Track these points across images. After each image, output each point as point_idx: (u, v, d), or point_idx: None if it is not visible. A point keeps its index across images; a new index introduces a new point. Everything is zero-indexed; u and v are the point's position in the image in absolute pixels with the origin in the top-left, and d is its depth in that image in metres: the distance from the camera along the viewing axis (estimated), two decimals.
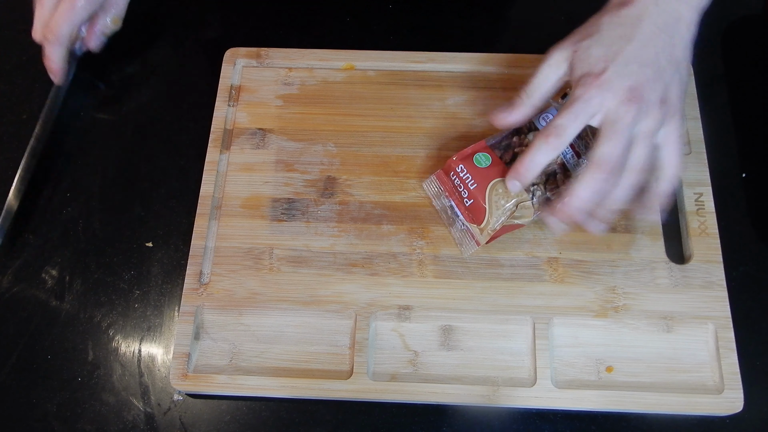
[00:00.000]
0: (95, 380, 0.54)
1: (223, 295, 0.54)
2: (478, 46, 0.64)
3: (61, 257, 0.58)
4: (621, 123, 0.45)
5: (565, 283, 0.54)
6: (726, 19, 0.67)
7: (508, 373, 0.52)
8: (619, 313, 0.53)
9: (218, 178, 0.59)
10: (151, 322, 0.56)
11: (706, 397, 0.50)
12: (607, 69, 0.46)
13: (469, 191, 0.52)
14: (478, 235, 0.52)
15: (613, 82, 0.46)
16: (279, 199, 0.58)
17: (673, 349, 0.52)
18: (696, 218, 0.56)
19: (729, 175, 0.59)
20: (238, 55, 0.64)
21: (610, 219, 0.49)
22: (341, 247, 0.56)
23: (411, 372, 0.52)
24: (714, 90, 0.63)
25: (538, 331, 0.52)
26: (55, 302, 0.56)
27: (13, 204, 0.58)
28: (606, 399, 0.50)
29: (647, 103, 0.46)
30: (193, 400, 0.53)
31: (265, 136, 0.61)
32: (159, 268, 0.57)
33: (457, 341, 0.53)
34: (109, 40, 0.65)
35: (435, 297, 0.54)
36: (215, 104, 0.62)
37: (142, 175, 0.61)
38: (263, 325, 0.54)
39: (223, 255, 0.56)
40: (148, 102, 0.65)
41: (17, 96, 0.66)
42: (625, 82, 0.46)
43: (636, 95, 0.46)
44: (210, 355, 0.53)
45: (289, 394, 0.51)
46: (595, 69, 0.47)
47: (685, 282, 0.54)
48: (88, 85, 0.66)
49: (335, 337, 0.53)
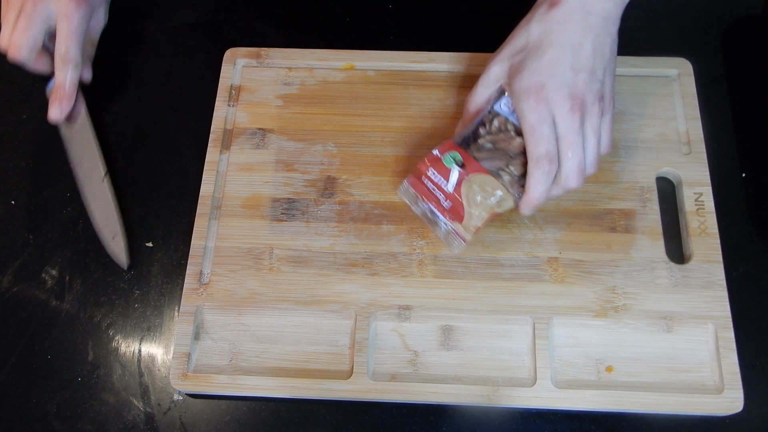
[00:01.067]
0: (95, 380, 0.54)
1: (223, 295, 0.54)
2: (478, 46, 0.64)
3: (61, 257, 0.58)
4: (571, 133, 0.49)
5: (565, 283, 0.54)
6: (726, 19, 0.67)
7: (508, 373, 0.52)
8: (619, 313, 0.53)
9: (218, 178, 0.59)
10: (151, 322, 0.56)
11: (706, 397, 0.50)
12: (545, 85, 0.49)
13: (444, 193, 0.52)
14: (463, 232, 0.52)
15: (554, 94, 0.48)
16: (279, 199, 0.58)
17: (673, 349, 0.52)
18: (696, 218, 0.56)
19: (729, 175, 0.59)
20: (238, 55, 0.64)
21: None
22: (341, 247, 0.56)
23: (411, 372, 0.52)
24: (714, 90, 0.63)
25: (538, 331, 0.52)
26: (55, 302, 0.56)
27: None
28: (606, 399, 0.50)
29: (588, 105, 0.49)
30: (193, 400, 0.53)
31: (265, 136, 0.61)
32: (159, 268, 0.57)
33: (457, 341, 0.53)
34: (108, 39, 0.65)
35: (435, 297, 0.54)
36: (215, 104, 0.62)
37: (142, 175, 0.61)
38: (263, 325, 0.54)
39: (223, 255, 0.56)
40: (148, 102, 0.65)
41: (17, 96, 0.66)
42: (564, 92, 0.48)
43: (577, 102, 0.48)
44: (210, 355, 0.53)
45: (289, 394, 0.51)
46: (534, 86, 0.49)
47: (685, 282, 0.54)
48: (87, 84, 0.66)
49: (335, 337, 0.53)
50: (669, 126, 0.59)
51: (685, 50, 0.63)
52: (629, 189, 0.57)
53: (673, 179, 0.58)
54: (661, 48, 0.64)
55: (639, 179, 0.58)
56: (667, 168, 0.58)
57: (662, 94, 0.61)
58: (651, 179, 0.58)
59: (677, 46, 0.66)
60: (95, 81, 0.66)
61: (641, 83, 0.61)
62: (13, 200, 0.61)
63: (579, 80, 0.49)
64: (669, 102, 0.60)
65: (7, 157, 0.63)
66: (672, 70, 0.61)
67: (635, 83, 0.61)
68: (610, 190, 0.57)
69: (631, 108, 0.60)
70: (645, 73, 0.62)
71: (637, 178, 0.58)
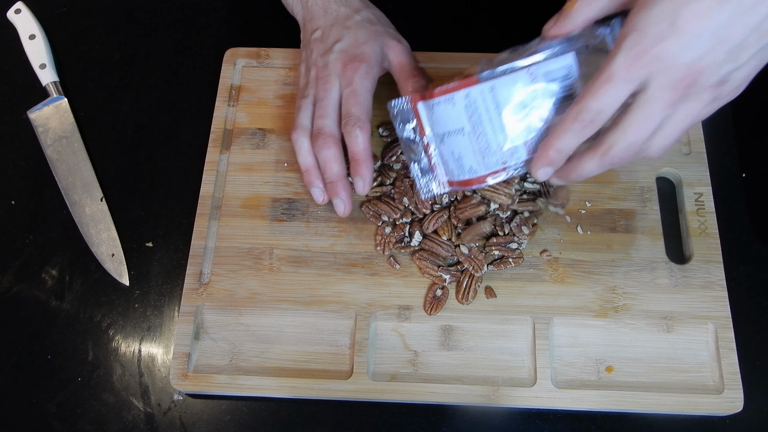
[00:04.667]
0: (95, 380, 0.54)
1: (223, 295, 0.54)
2: (477, 46, 0.64)
3: (61, 257, 0.58)
4: (651, 107, 0.39)
5: (565, 283, 0.54)
6: None
7: (508, 373, 0.52)
8: (619, 313, 0.53)
9: (218, 178, 0.59)
10: (151, 322, 0.56)
11: (706, 397, 0.50)
12: (667, 39, 0.37)
13: None
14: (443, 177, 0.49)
15: (670, 57, 0.37)
16: (279, 199, 0.58)
17: (673, 349, 0.52)
18: (696, 218, 0.56)
19: (729, 175, 0.59)
20: (238, 55, 0.64)
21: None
22: (341, 247, 0.56)
23: (411, 372, 0.52)
24: None
25: (538, 331, 0.52)
26: (55, 302, 0.56)
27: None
28: (606, 399, 0.50)
29: (699, 87, 0.38)
30: (193, 400, 0.53)
31: (265, 136, 0.61)
32: (159, 268, 0.57)
33: (457, 341, 0.53)
34: (107, 39, 0.65)
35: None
36: (215, 104, 0.62)
37: (142, 175, 0.61)
38: (263, 325, 0.54)
39: (223, 255, 0.56)
40: (148, 102, 0.65)
41: (17, 96, 0.66)
42: (684, 58, 0.37)
43: (690, 79, 0.38)
44: (210, 355, 0.53)
45: (289, 394, 0.51)
46: (653, 31, 0.37)
47: (685, 282, 0.54)
48: (87, 85, 0.66)
49: (335, 337, 0.53)
50: None
51: None
52: (629, 189, 0.57)
53: (673, 179, 0.58)
54: None
55: (639, 179, 0.58)
56: (667, 168, 0.58)
57: None
58: (651, 179, 0.58)
59: None
60: (95, 81, 0.66)
61: None
62: (13, 200, 0.61)
63: (713, 53, 0.37)
64: None
65: (7, 157, 0.63)
66: None
67: None
68: (610, 190, 0.57)
69: None
70: None
71: (637, 178, 0.58)
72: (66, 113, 0.63)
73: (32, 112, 0.63)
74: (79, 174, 0.60)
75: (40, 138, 0.62)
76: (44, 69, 0.65)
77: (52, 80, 0.65)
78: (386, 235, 0.55)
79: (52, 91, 0.64)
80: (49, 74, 0.65)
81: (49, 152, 0.61)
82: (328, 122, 0.53)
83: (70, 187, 0.60)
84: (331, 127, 0.53)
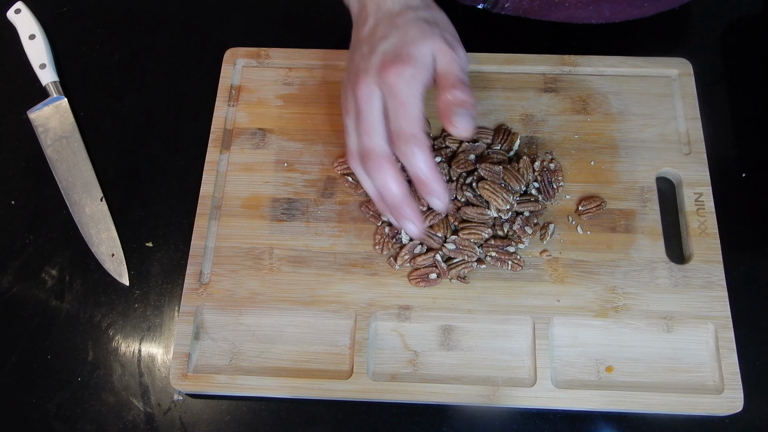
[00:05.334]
0: (95, 380, 0.54)
1: (223, 295, 0.54)
2: (477, 46, 0.64)
3: (61, 257, 0.58)
4: None
5: (565, 283, 0.54)
6: (726, 19, 0.67)
7: (508, 373, 0.52)
8: (619, 313, 0.53)
9: (218, 178, 0.59)
10: (151, 322, 0.56)
11: (706, 397, 0.50)
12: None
13: None
14: None
15: None
16: (279, 199, 0.58)
17: (673, 349, 0.52)
18: (696, 218, 0.56)
19: (729, 175, 0.59)
20: (238, 55, 0.64)
21: None
22: (341, 247, 0.56)
23: (411, 372, 0.52)
24: (714, 90, 0.63)
25: (538, 331, 0.52)
26: (55, 302, 0.56)
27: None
28: (606, 399, 0.50)
29: None
30: (193, 400, 0.53)
31: (265, 136, 0.61)
32: (159, 268, 0.57)
33: (457, 341, 0.53)
34: (107, 39, 0.65)
35: (435, 297, 0.54)
36: (215, 104, 0.62)
37: (142, 175, 0.61)
38: (263, 325, 0.54)
39: (223, 255, 0.56)
40: (148, 102, 0.65)
41: (17, 96, 0.66)
42: None
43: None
44: (210, 355, 0.53)
45: (289, 394, 0.51)
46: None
47: (685, 282, 0.54)
48: (87, 85, 0.66)
49: (335, 337, 0.53)
50: (669, 126, 0.59)
51: (685, 50, 0.63)
52: (629, 189, 0.57)
53: (673, 179, 0.58)
54: (661, 48, 0.64)
55: (639, 179, 0.58)
56: (667, 168, 0.58)
57: (662, 94, 0.61)
58: (651, 179, 0.58)
59: (677, 46, 0.66)
60: (95, 81, 0.66)
61: (641, 83, 0.61)
62: (13, 200, 0.61)
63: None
64: (669, 102, 0.60)
65: (7, 157, 0.63)
66: (672, 70, 0.61)
67: (635, 83, 0.61)
68: (610, 190, 0.57)
69: (631, 108, 0.60)
70: (645, 73, 0.62)
71: (637, 178, 0.58)
72: (66, 113, 0.63)
73: (32, 112, 0.63)
74: (79, 174, 0.60)
75: (40, 138, 0.62)
76: (44, 69, 0.65)
77: (52, 80, 0.65)
78: (385, 235, 0.55)
79: (52, 91, 0.64)
80: (49, 74, 0.65)
81: (49, 152, 0.61)
82: (376, 140, 0.46)
83: (70, 187, 0.60)
84: (380, 145, 0.46)
